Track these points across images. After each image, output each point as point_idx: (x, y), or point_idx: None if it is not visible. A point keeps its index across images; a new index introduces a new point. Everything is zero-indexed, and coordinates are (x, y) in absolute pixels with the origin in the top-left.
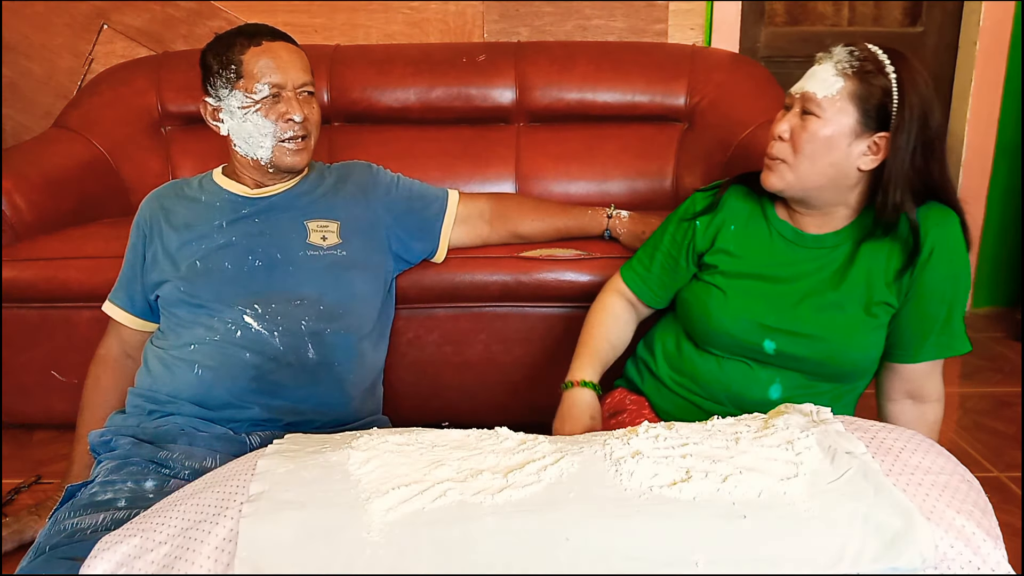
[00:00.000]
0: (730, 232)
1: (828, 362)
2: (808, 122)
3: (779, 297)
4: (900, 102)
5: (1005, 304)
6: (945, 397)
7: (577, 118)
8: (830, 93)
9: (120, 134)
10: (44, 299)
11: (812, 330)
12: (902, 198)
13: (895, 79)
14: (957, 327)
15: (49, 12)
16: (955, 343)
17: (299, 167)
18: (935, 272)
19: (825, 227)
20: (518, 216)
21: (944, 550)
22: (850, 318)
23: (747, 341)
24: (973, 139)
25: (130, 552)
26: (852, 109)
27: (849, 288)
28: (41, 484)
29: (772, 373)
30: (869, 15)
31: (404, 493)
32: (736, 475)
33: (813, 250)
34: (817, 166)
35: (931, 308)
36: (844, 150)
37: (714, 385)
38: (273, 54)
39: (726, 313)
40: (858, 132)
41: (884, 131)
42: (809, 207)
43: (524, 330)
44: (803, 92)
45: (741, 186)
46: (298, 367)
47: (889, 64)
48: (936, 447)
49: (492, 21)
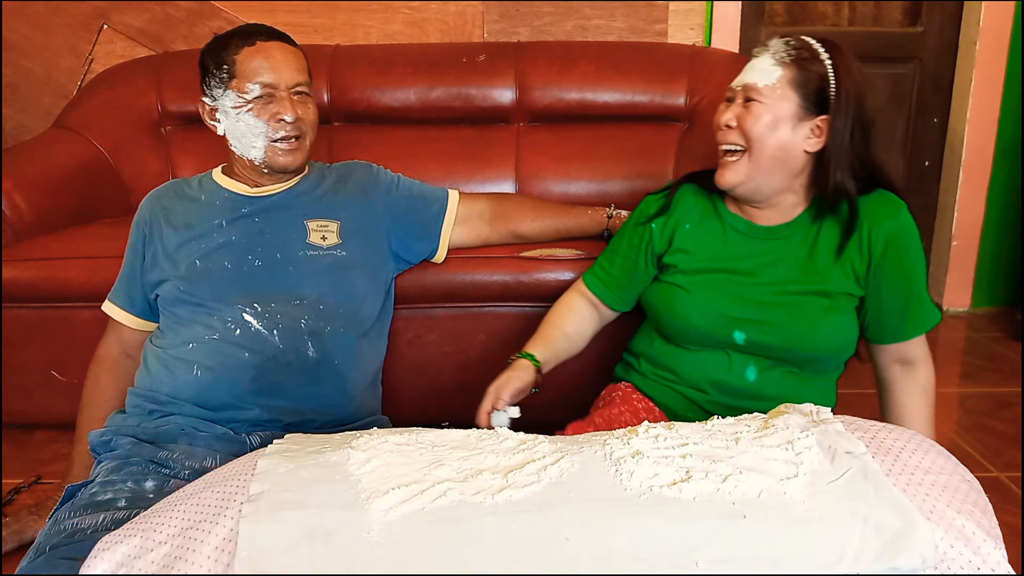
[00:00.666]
0: (685, 231)
1: (797, 348)
2: (752, 107)
3: (741, 289)
4: (837, 86)
5: (1005, 304)
6: (945, 397)
7: (577, 118)
8: (770, 81)
9: (120, 134)
10: (44, 299)
11: (778, 319)
12: (843, 177)
13: (830, 65)
14: (926, 302)
15: (49, 12)
16: (928, 316)
17: (292, 167)
18: (896, 262)
19: (776, 219)
20: (518, 216)
21: (944, 550)
22: (813, 305)
23: (717, 334)
24: (973, 139)
25: (130, 552)
26: (792, 94)
27: (809, 277)
28: (41, 484)
29: (746, 359)
30: (869, 15)
31: (404, 493)
32: (736, 475)
33: (768, 242)
34: (767, 149)
35: (900, 294)
36: (790, 132)
37: (693, 375)
38: (266, 54)
39: (693, 309)
40: (800, 116)
41: (824, 114)
42: (760, 200)
43: (524, 330)
44: (744, 83)
45: (691, 184)
46: (297, 366)
47: (824, 52)
48: (936, 447)
49: (492, 21)
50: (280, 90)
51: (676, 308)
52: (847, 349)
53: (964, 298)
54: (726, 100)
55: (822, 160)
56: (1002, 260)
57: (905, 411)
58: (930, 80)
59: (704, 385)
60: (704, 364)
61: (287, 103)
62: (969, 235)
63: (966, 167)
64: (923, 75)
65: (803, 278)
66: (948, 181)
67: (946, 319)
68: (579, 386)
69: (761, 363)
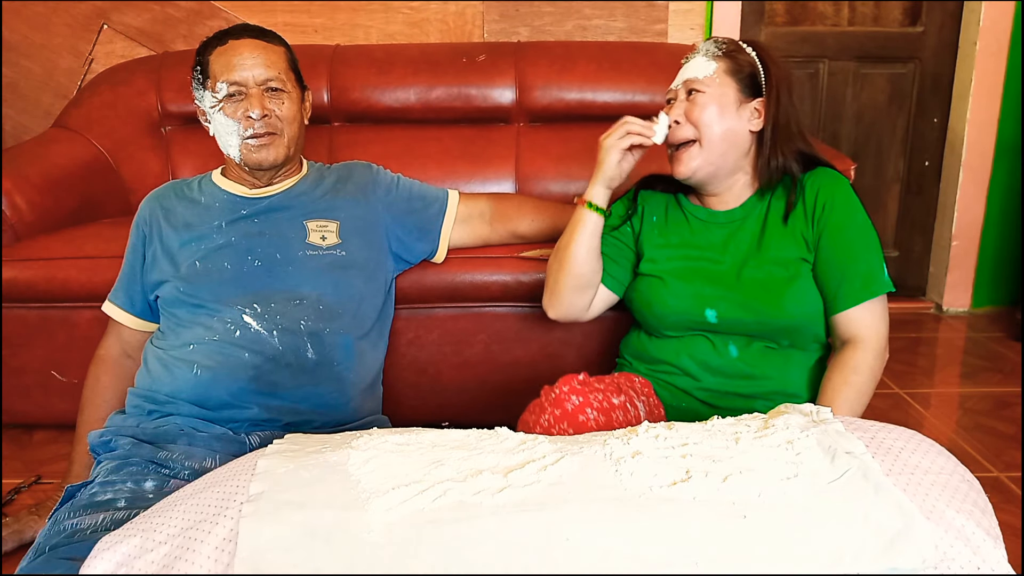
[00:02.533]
0: (652, 223)
1: (766, 319)
2: (696, 98)
3: (709, 270)
4: (766, 72)
5: (1005, 304)
6: (945, 397)
7: (577, 118)
8: (708, 73)
9: (120, 134)
10: (44, 299)
11: (744, 293)
12: (785, 151)
13: (756, 56)
14: (875, 270)
15: (49, 12)
16: (873, 286)
17: (267, 163)
18: (833, 222)
19: (731, 203)
20: (518, 216)
21: (944, 550)
22: (774, 276)
23: (691, 314)
24: (973, 139)
25: (130, 552)
26: (730, 81)
27: (766, 250)
28: (41, 484)
29: (724, 338)
30: (869, 15)
31: (404, 493)
32: (736, 475)
33: (726, 225)
34: (717, 133)
35: (840, 259)
36: (734, 115)
37: (682, 362)
38: (234, 52)
39: (667, 295)
40: (741, 100)
41: (760, 97)
42: (713, 186)
43: (524, 330)
44: (685, 79)
45: (649, 188)
46: (297, 367)
47: (747, 46)
48: (936, 447)
49: (492, 21)
50: (250, 87)
51: (651, 297)
52: (815, 319)
53: (964, 298)
54: (666, 102)
55: (763, 138)
56: (1002, 260)
57: (824, 390)
58: (930, 80)
59: (693, 369)
60: (688, 348)
61: (256, 100)
62: (969, 235)
63: (966, 167)
64: (923, 75)
65: (761, 252)
66: (948, 181)
67: (946, 319)
68: None
69: (739, 340)
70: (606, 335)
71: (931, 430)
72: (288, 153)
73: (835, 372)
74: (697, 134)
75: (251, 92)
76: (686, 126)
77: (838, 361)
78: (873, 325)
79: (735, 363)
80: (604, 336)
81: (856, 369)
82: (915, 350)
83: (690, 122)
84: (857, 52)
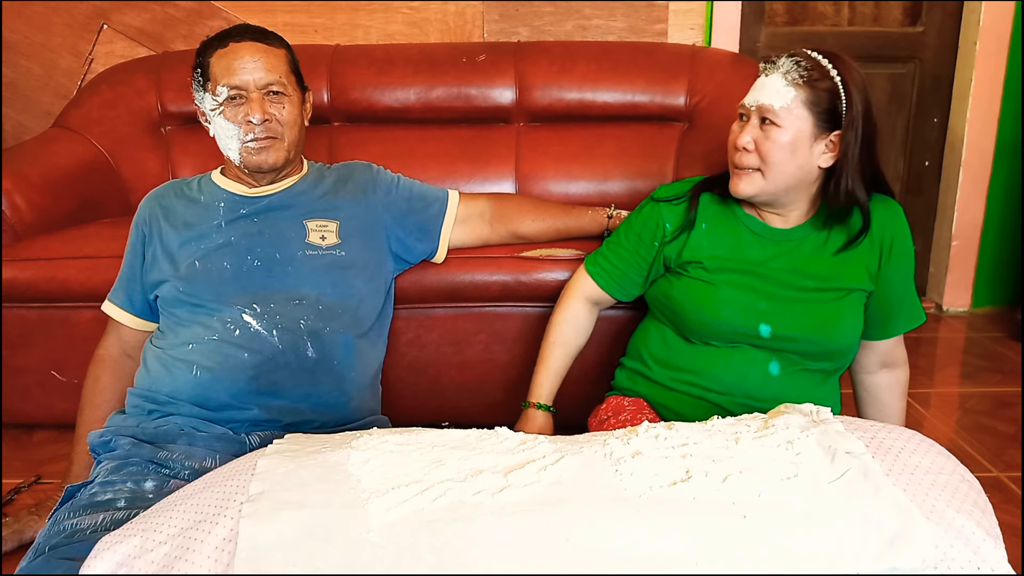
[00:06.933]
0: (702, 230)
1: (819, 340)
2: (770, 131)
3: (763, 285)
4: (847, 101)
5: (1005, 304)
6: (945, 397)
7: (577, 118)
8: (785, 103)
9: (120, 134)
10: (44, 299)
11: (801, 312)
12: (853, 186)
13: (840, 81)
14: (916, 300)
15: (49, 12)
16: (917, 314)
17: (267, 166)
18: (899, 260)
19: (789, 222)
20: (518, 216)
21: (944, 550)
22: (831, 299)
23: (744, 327)
24: (973, 139)
25: (130, 552)
26: (807, 115)
27: (824, 274)
28: (41, 484)
29: (768, 354)
30: (869, 15)
31: (404, 493)
32: (736, 475)
33: (782, 243)
34: (786, 171)
35: (898, 291)
36: (807, 151)
37: (718, 373)
38: (235, 55)
39: (721, 303)
40: (816, 134)
41: (837, 130)
42: (775, 206)
43: (524, 330)
44: (759, 104)
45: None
46: (297, 367)
47: (832, 68)
48: (936, 447)
49: (492, 21)
50: (250, 91)
51: (703, 302)
52: (857, 344)
53: (964, 298)
54: (739, 117)
55: (833, 172)
56: (1002, 260)
57: (890, 412)
58: (930, 80)
59: (729, 384)
60: (728, 361)
61: (256, 104)
62: (969, 235)
63: (966, 167)
64: (923, 75)
65: (819, 275)
66: (948, 181)
67: (946, 319)
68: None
69: (784, 359)
70: (606, 335)
71: (931, 430)
72: (288, 156)
73: (894, 397)
74: (762, 165)
75: (252, 96)
76: (754, 155)
77: (892, 384)
78: (904, 348)
79: (773, 382)
80: (605, 336)
81: (905, 391)
82: (915, 350)
83: (758, 152)
84: (857, 52)
